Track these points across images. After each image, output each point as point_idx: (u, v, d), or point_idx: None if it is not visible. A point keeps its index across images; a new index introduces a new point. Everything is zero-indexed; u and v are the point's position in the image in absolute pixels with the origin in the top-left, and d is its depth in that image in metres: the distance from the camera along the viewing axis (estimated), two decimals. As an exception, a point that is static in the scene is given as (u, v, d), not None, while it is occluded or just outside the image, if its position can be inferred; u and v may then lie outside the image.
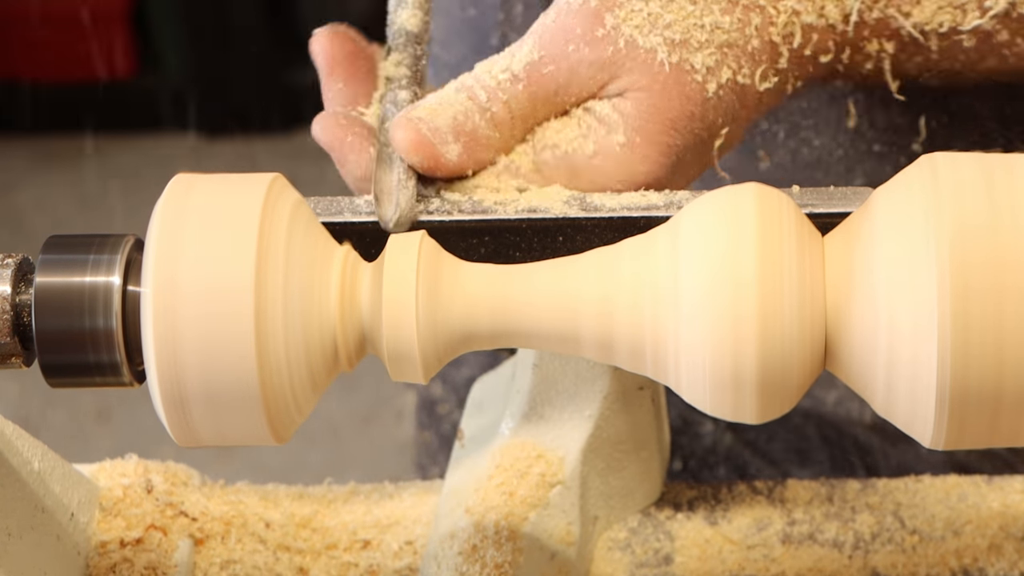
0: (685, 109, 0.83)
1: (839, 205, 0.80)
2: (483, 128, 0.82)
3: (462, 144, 0.81)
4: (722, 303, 0.71)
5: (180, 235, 0.72)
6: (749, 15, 0.83)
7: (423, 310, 0.74)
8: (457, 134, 0.81)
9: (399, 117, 0.82)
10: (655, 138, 0.82)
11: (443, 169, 0.81)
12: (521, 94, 0.82)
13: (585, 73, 0.83)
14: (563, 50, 0.83)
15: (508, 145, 0.83)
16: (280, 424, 0.74)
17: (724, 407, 0.73)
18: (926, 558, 0.93)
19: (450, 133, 0.81)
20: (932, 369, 0.70)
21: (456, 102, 0.82)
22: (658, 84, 0.82)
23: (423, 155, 0.81)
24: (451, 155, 0.81)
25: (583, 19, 0.83)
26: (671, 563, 0.93)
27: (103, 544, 0.90)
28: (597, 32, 0.82)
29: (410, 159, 0.81)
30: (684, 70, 0.82)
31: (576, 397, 0.91)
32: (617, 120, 0.82)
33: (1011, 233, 0.70)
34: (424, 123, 0.81)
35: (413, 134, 0.81)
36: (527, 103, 0.83)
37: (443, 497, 0.93)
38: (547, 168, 0.82)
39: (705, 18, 0.83)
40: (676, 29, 0.82)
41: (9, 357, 0.76)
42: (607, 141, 0.82)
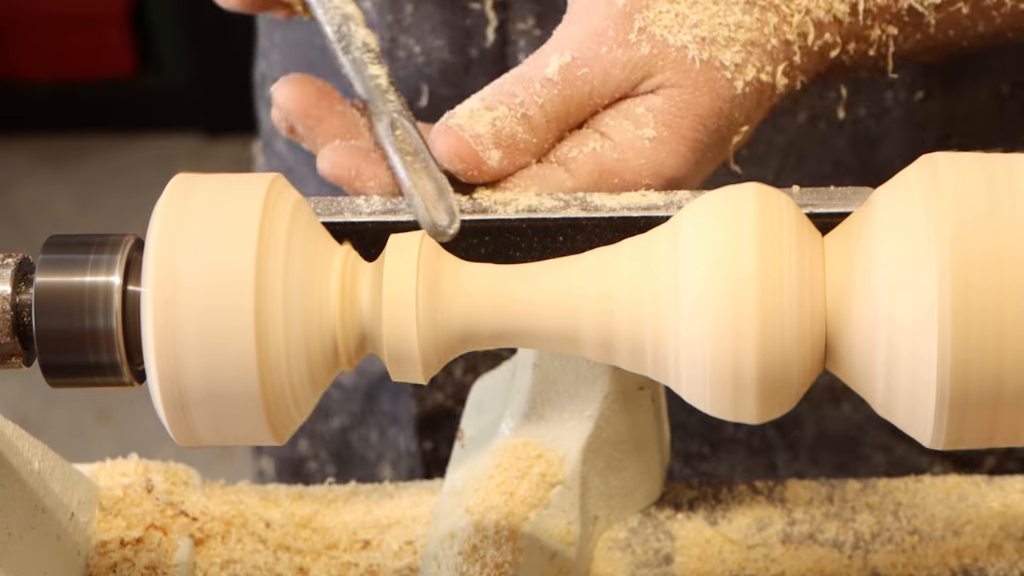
0: (715, 106, 0.83)
1: (839, 205, 0.80)
2: (521, 133, 0.82)
3: (502, 150, 0.82)
4: (722, 301, 0.71)
5: (180, 235, 0.72)
6: (767, 15, 0.84)
7: (423, 310, 0.74)
8: (497, 140, 0.82)
9: (439, 125, 0.82)
10: (684, 133, 0.83)
11: (485, 175, 0.82)
12: (556, 97, 0.83)
13: (619, 74, 0.83)
14: (596, 52, 0.83)
15: (543, 149, 0.83)
16: (280, 423, 0.74)
17: (724, 406, 0.73)
18: (926, 558, 0.93)
19: (491, 139, 0.82)
20: (932, 367, 0.70)
21: (492, 107, 0.82)
22: (690, 80, 0.83)
23: (467, 163, 0.81)
24: (492, 161, 0.82)
25: (614, 21, 0.83)
26: (671, 563, 0.93)
27: (103, 544, 0.90)
28: (629, 34, 0.83)
29: (453, 166, 0.81)
30: (714, 67, 0.83)
31: (576, 397, 0.91)
32: (646, 116, 0.83)
33: (1011, 232, 0.70)
34: (465, 130, 0.81)
35: (455, 141, 0.81)
36: (561, 106, 0.83)
37: (443, 497, 0.93)
38: (577, 166, 0.83)
39: (729, 17, 0.83)
40: (704, 28, 0.83)
41: (9, 357, 0.76)
42: (635, 136, 0.83)
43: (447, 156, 0.81)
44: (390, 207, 0.82)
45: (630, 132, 0.83)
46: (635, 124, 0.83)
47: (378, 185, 0.84)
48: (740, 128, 0.85)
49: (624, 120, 0.84)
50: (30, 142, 3.32)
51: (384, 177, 0.84)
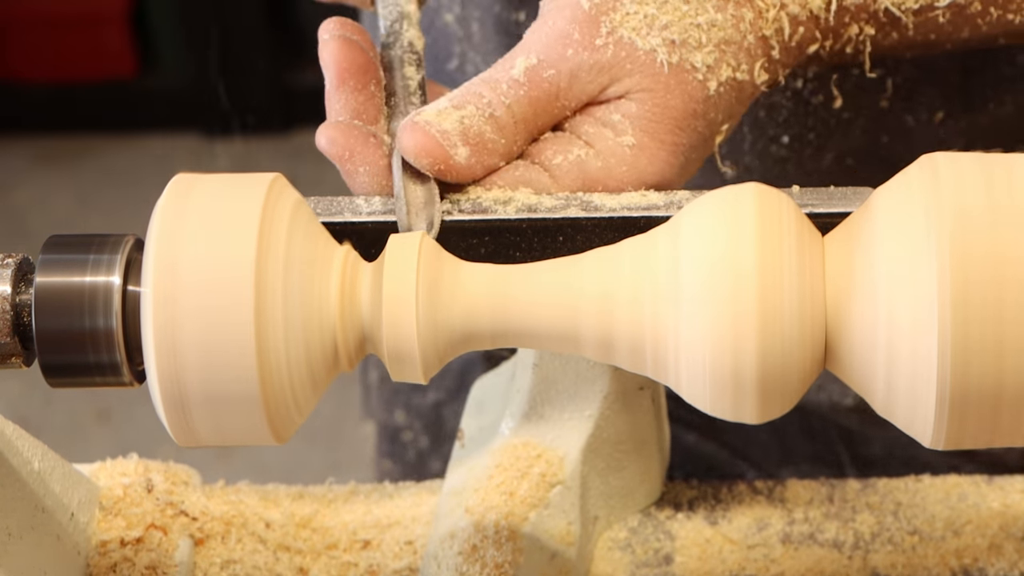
0: (688, 108, 0.83)
1: (839, 205, 0.80)
2: (488, 132, 0.82)
3: (470, 147, 0.81)
4: (722, 301, 0.71)
5: (180, 235, 0.72)
6: (741, 11, 0.84)
7: (423, 310, 0.74)
8: (465, 137, 0.81)
9: (406, 121, 0.82)
10: (663, 138, 0.83)
11: (453, 172, 0.81)
12: (523, 99, 0.83)
13: (585, 77, 0.83)
14: (562, 55, 0.83)
15: (511, 151, 0.83)
16: (280, 424, 0.74)
17: (724, 406, 0.73)
18: (926, 558, 0.93)
19: (458, 136, 0.81)
20: (932, 367, 0.70)
21: (460, 107, 0.82)
22: (660, 85, 0.83)
23: (433, 158, 0.81)
24: (460, 158, 0.81)
25: (580, 24, 0.83)
26: (671, 563, 0.93)
27: (103, 543, 0.90)
28: (595, 38, 0.83)
29: (419, 162, 0.81)
30: (685, 69, 0.83)
31: (576, 397, 0.91)
32: (623, 123, 0.83)
33: (1011, 232, 0.70)
34: (432, 126, 0.81)
35: (421, 137, 0.81)
36: (528, 107, 0.83)
37: (443, 497, 0.93)
38: (561, 173, 0.83)
39: (700, 17, 0.83)
40: (674, 30, 0.83)
41: (9, 357, 0.76)
42: (616, 144, 0.83)
43: (413, 151, 0.81)
44: (390, 207, 0.82)
45: (611, 140, 0.83)
46: (614, 131, 0.83)
47: (368, 172, 0.83)
48: (720, 127, 0.85)
49: (603, 128, 0.83)
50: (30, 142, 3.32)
51: (377, 164, 0.83)
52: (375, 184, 0.83)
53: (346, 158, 0.84)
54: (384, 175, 0.83)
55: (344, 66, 0.86)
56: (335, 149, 0.84)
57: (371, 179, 0.83)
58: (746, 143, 1.06)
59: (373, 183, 0.83)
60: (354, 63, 0.86)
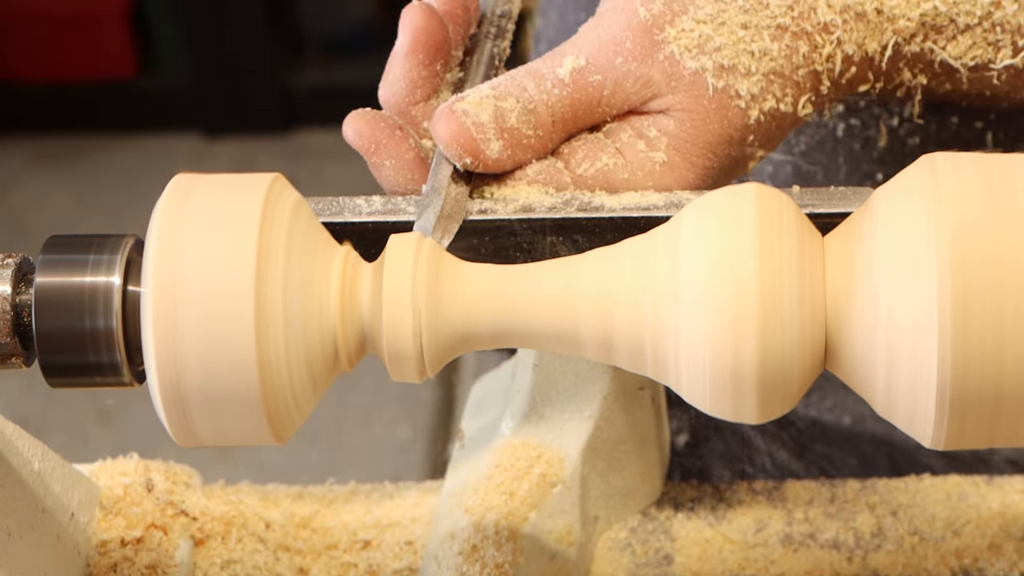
0: (725, 134, 0.83)
1: (839, 205, 0.80)
2: (524, 128, 0.82)
3: (503, 141, 0.82)
4: (722, 301, 0.71)
5: (180, 235, 0.72)
6: (797, 43, 0.83)
7: (424, 310, 0.74)
8: (500, 131, 0.82)
9: (442, 108, 0.82)
10: (694, 160, 0.83)
11: (483, 164, 0.82)
12: (564, 99, 0.83)
13: (630, 87, 0.83)
14: (611, 61, 0.83)
15: (545, 148, 0.83)
16: (280, 424, 0.74)
17: (724, 406, 0.73)
18: (926, 558, 0.93)
19: (493, 129, 0.81)
20: (932, 368, 0.70)
21: (501, 97, 0.82)
22: (702, 108, 0.83)
23: (464, 148, 0.81)
24: (492, 151, 0.81)
25: (635, 33, 0.83)
26: (671, 563, 0.93)
27: (104, 543, 0.90)
28: (647, 49, 0.82)
29: (450, 152, 0.81)
30: (729, 95, 0.83)
31: (576, 397, 0.91)
32: (658, 138, 0.83)
33: (1011, 232, 0.70)
34: (468, 116, 0.81)
35: (457, 126, 0.81)
36: (569, 109, 0.83)
37: (443, 497, 0.93)
38: (584, 181, 0.83)
39: (754, 44, 0.83)
40: (725, 53, 0.82)
41: (9, 357, 0.76)
42: (646, 158, 0.83)
43: (446, 140, 0.81)
44: (390, 207, 0.82)
45: (642, 153, 0.83)
46: (647, 145, 0.83)
47: (394, 166, 0.84)
48: (756, 154, 0.85)
49: (637, 139, 0.83)
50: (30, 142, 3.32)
51: (403, 158, 0.83)
52: (400, 178, 0.84)
53: (372, 151, 0.84)
54: (409, 169, 0.83)
55: (420, 37, 0.85)
56: (361, 142, 0.84)
57: (396, 173, 0.84)
58: (841, 173, 1.05)
59: (399, 177, 0.84)
60: (430, 37, 0.85)
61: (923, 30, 0.84)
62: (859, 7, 0.84)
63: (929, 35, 0.85)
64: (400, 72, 0.85)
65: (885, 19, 0.84)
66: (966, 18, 0.84)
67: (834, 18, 0.83)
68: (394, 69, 0.86)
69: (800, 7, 0.83)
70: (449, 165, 0.82)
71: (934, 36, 0.85)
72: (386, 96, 0.86)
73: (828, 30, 0.83)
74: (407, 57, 0.85)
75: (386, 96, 0.86)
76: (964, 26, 0.84)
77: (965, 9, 0.84)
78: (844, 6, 0.83)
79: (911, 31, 0.84)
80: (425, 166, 0.84)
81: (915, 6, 0.84)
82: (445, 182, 0.81)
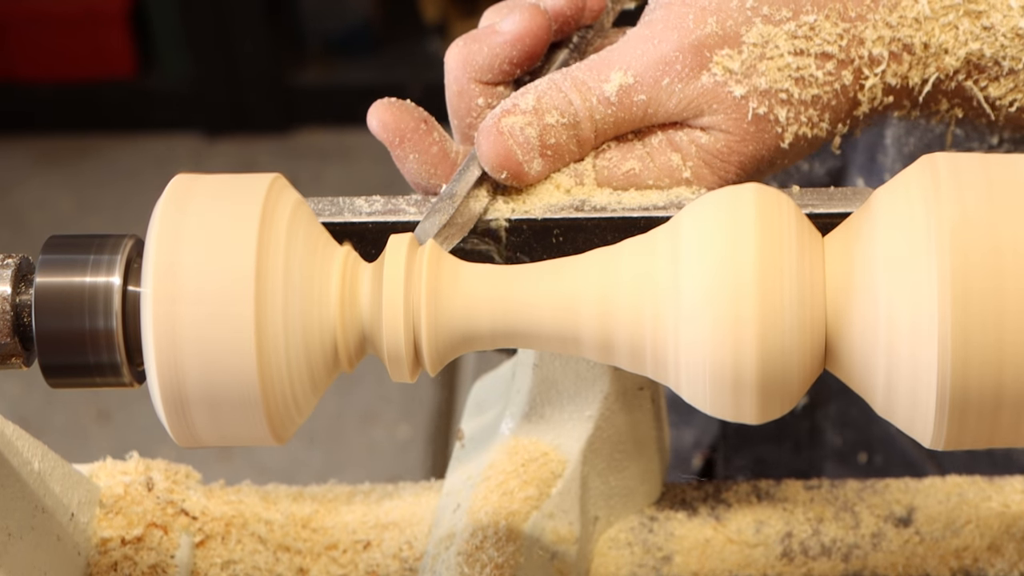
0: (759, 155, 0.84)
1: (839, 205, 0.80)
2: (565, 142, 0.83)
3: (546, 160, 0.83)
4: (722, 302, 0.71)
5: (180, 235, 0.72)
6: (841, 72, 0.83)
7: (424, 310, 0.74)
8: (543, 149, 0.82)
9: (489, 124, 0.82)
10: (722, 176, 0.84)
11: (524, 182, 0.83)
12: (609, 117, 0.83)
13: (673, 106, 0.83)
14: (658, 81, 0.83)
15: (584, 156, 0.84)
16: (280, 424, 0.74)
17: (724, 407, 0.73)
18: (926, 558, 0.93)
19: (537, 147, 0.82)
20: (932, 368, 0.70)
21: (545, 111, 0.83)
22: (740, 130, 0.83)
23: (507, 168, 0.82)
24: (532, 170, 0.82)
25: (684, 54, 0.82)
26: (671, 563, 0.93)
27: (104, 541, 0.90)
28: (694, 71, 0.82)
29: (491, 169, 0.82)
30: (768, 120, 0.83)
31: (576, 397, 0.91)
32: (690, 150, 0.83)
33: (1011, 232, 0.70)
34: (514, 137, 0.82)
35: (502, 148, 0.82)
36: (612, 126, 0.84)
37: (443, 497, 0.93)
38: (608, 182, 0.83)
39: (800, 72, 0.83)
40: (770, 78, 0.82)
41: (9, 357, 0.76)
42: (676, 169, 0.83)
43: (491, 161, 0.82)
44: (390, 207, 0.82)
45: (671, 162, 0.84)
46: (679, 155, 0.83)
47: (417, 160, 0.84)
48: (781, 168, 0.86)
49: (669, 148, 0.84)
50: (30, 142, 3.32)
51: (428, 152, 0.84)
52: (424, 172, 0.84)
53: (396, 143, 0.84)
54: (433, 164, 0.84)
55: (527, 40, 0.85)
56: (386, 133, 0.84)
57: (419, 167, 0.84)
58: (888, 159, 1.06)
59: (422, 171, 0.84)
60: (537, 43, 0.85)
61: (967, 68, 0.84)
62: (908, 39, 0.83)
63: (972, 73, 0.85)
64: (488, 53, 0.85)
65: (931, 55, 0.84)
66: (1011, 63, 0.84)
67: (882, 51, 0.83)
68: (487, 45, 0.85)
69: (848, 37, 0.83)
70: (477, 172, 0.82)
71: (976, 75, 0.85)
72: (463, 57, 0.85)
73: (875, 62, 0.83)
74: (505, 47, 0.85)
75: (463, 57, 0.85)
76: (1008, 70, 0.84)
77: (1012, 54, 0.84)
78: (892, 38, 0.83)
79: (955, 68, 0.84)
80: (449, 161, 0.84)
81: (962, 44, 0.84)
82: (464, 190, 0.81)
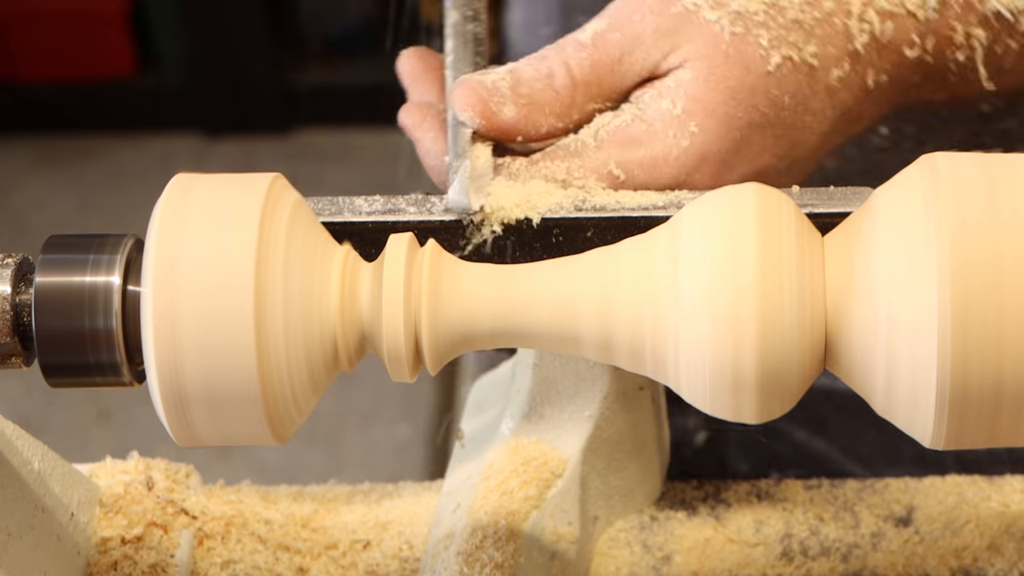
0: (746, 80, 0.83)
1: (839, 205, 0.80)
2: (541, 91, 0.83)
3: (519, 105, 0.83)
4: (722, 302, 0.71)
5: (180, 235, 0.72)
6: (821, 2, 0.83)
7: (423, 310, 0.74)
8: (516, 95, 0.83)
9: (459, 80, 0.84)
10: (714, 108, 0.83)
11: (497, 128, 0.83)
12: (584, 60, 0.83)
13: (648, 40, 0.83)
14: (629, 17, 0.84)
15: (568, 112, 0.84)
16: (280, 424, 0.74)
17: (724, 407, 0.73)
18: (926, 558, 0.93)
19: (508, 93, 0.83)
20: (932, 368, 0.70)
21: (520, 69, 0.84)
22: (719, 52, 0.82)
23: (476, 112, 0.82)
24: (506, 115, 0.82)
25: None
26: (671, 563, 0.93)
27: (104, 541, 0.90)
28: (665, 3, 0.83)
29: (463, 116, 0.83)
30: (747, 41, 0.82)
31: (576, 397, 0.91)
32: (677, 90, 0.83)
33: (1011, 233, 0.70)
34: (483, 85, 0.83)
35: (469, 93, 0.83)
36: (590, 69, 0.83)
37: (443, 497, 0.93)
38: (605, 140, 0.83)
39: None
40: (741, 3, 0.83)
41: (9, 357, 0.76)
42: (665, 110, 0.83)
43: (459, 106, 0.83)
44: (390, 207, 0.82)
45: (658, 104, 0.83)
46: (664, 97, 0.83)
47: (434, 139, 0.86)
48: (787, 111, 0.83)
49: (656, 94, 0.84)
50: (30, 142, 3.32)
51: (440, 132, 0.86)
52: (438, 148, 0.85)
53: (416, 126, 0.87)
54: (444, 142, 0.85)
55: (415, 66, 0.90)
56: (409, 119, 0.87)
57: (434, 145, 0.86)
58: None
59: (436, 147, 0.86)
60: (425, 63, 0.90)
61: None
62: None
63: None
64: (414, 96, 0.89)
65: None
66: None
67: None
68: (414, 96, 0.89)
69: None
70: (468, 129, 0.83)
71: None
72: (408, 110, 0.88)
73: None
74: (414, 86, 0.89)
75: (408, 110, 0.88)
76: None
77: None
78: None
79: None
80: None
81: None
82: (466, 145, 0.82)
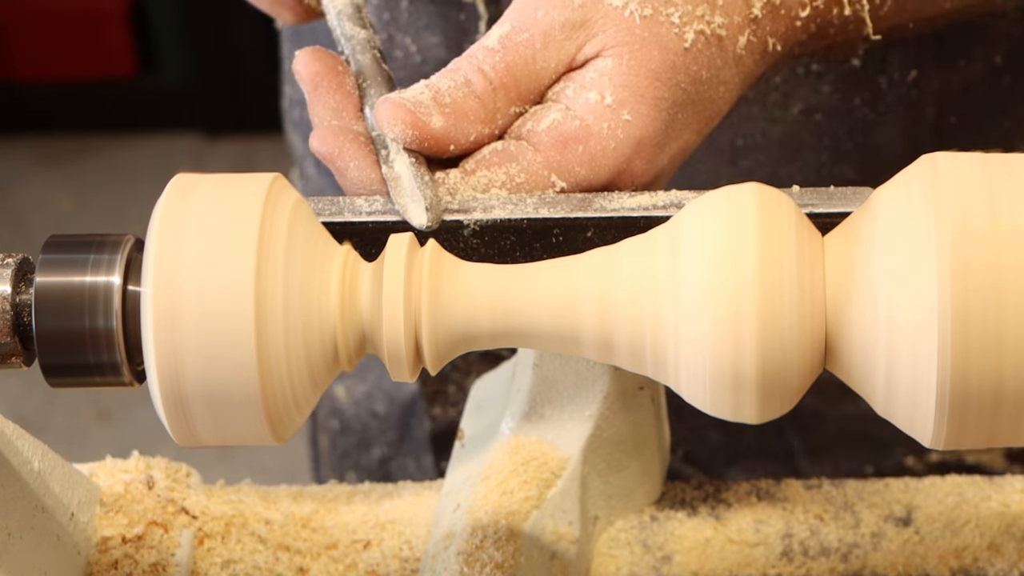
0: (667, 60, 0.83)
1: (839, 205, 0.80)
2: (463, 99, 0.82)
3: (444, 116, 0.82)
4: (722, 302, 0.71)
5: (180, 235, 0.72)
6: None
7: (423, 310, 0.74)
8: (440, 105, 0.82)
9: (381, 99, 0.83)
10: (643, 92, 0.83)
11: (430, 139, 0.82)
12: (498, 64, 0.83)
13: (559, 36, 0.83)
14: (533, 17, 0.83)
15: (492, 117, 0.83)
16: (280, 423, 0.74)
17: (724, 406, 0.73)
18: (926, 558, 0.93)
19: (432, 105, 0.82)
20: (932, 368, 0.70)
21: (438, 82, 0.83)
22: (635, 38, 0.83)
23: (406, 124, 0.81)
24: (436, 124, 0.81)
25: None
26: (671, 562, 0.93)
27: (105, 540, 0.90)
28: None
29: (394, 131, 0.81)
30: (659, 22, 0.83)
31: (576, 397, 0.91)
32: (601, 80, 0.83)
33: (1011, 233, 0.70)
34: (406, 100, 0.82)
35: (394, 107, 0.81)
36: (506, 72, 0.83)
37: (443, 497, 0.93)
38: (539, 139, 0.82)
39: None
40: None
41: (9, 357, 0.76)
42: (594, 102, 0.82)
43: (388, 122, 0.81)
44: (390, 207, 0.82)
45: (586, 98, 0.83)
46: (590, 89, 0.83)
47: (358, 167, 0.83)
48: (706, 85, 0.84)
49: (579, 88, 0.83)
50: (30, 142, 3.32)
51: (367, 159, 0.83)
52: (364, 178, 0.83)
53: (335, 155, 0.84)
54: (373, 169, 0.83)
55: (315, 69, 0.86)
56: (325, 148, 0.84)
57: (360, 174, 0.83)
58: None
59: (363, 177, 0.83)
60: (325, 65, 0.87)
61: None
62: None
63: None
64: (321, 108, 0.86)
65: None
66: None
67: None
68: (316, 110, 0.86)
69: None
70: (401, 149, 0.82)
71: None
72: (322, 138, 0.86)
73: None
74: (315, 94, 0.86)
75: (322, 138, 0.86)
76: None
77: None
78: None
79: None
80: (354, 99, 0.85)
81: None
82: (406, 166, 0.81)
